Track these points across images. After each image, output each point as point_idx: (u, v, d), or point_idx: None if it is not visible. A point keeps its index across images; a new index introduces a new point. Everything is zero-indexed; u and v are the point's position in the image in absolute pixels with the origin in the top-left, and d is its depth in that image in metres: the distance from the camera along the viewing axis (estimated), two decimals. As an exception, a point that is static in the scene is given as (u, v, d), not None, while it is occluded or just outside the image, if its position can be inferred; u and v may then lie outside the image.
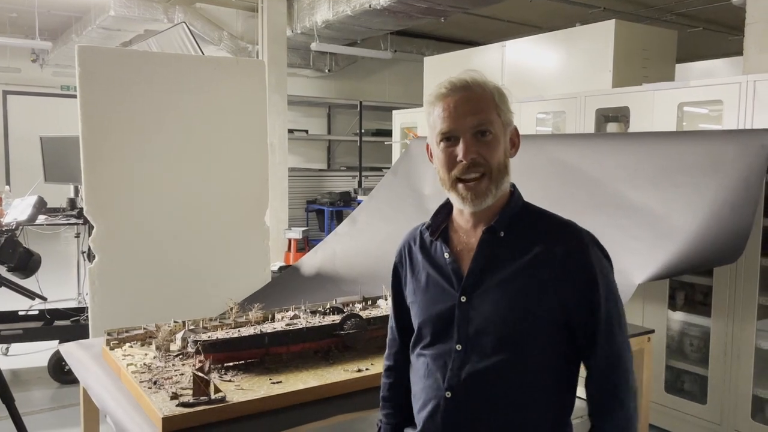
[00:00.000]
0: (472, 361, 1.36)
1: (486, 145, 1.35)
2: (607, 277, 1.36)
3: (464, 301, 1.39)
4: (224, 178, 3.74)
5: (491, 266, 1.38)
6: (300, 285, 3.68)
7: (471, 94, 1.36)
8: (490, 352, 1.35)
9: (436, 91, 1.38)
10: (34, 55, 11.46)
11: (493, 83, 1.40)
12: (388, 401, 1.63)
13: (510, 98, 1.42)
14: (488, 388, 1.35)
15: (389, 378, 1.64)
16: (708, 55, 8.21)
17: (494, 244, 1.39)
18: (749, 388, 3.14)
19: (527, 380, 1.35)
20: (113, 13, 7.76)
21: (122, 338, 2.52)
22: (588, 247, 1.35)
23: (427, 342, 1.45)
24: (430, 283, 1.46)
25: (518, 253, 1.37)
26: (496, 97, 1.38)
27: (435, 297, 1.44)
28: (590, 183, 3.21)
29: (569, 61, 4.72)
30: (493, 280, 1.37)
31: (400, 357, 1.60)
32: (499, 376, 1.34)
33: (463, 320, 1.38)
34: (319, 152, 11.98)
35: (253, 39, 8.71)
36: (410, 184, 3.98)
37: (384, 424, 1.63)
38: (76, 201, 4.97)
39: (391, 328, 1.66)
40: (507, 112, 1.40)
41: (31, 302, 3.89)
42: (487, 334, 1.35)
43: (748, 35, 3.92)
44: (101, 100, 3.36)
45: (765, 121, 3.04)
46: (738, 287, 3.17)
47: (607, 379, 1.36)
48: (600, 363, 1.36)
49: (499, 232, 1.39)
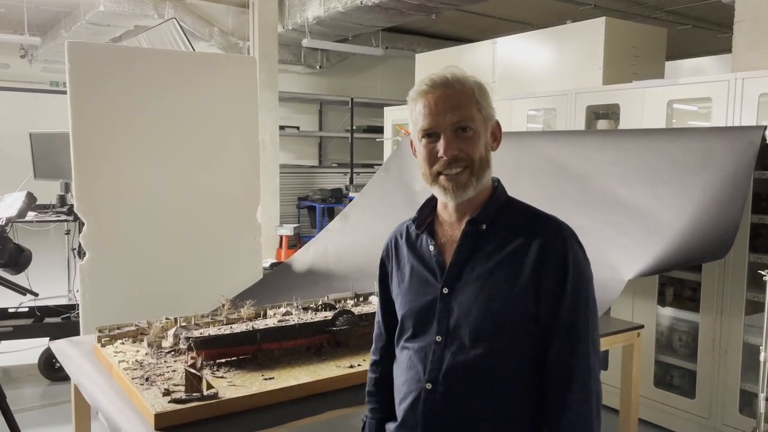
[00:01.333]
0: (451, 353, 1.38)
1: (466, 140, 1.37)
2: (580, 271, 1.37)
3: (446, 293, 1.41)
4: (215, 174, 3.73)
5: (473, 259, 1.40)
6: (292, 282, 3.69)
7: (451, 91, 1.37)
8: (468, 344, 1.36)
9: (417, 87, 1.41)
10: (22, 51, 11.36)
11: (474, 79, 1.41)
12: (374, 396, 1.63)
13: (491, 93, 1.44)
14: (467, 380, 1.36)
15: (375, 373, 1.64)
16: (697, 53, 8.27)
17: (476, 237, 1.41)
18: (737, 382, 3.18)
19: (506, 373, 1.36)
20: (103, 9, 7.71)
21: (114, 335, 2.51)
22: (566, 240, 1.37)
23: (410, 334, 1.47)
24: (414, 276, 1.48)
25: (499, 246, 1.39)
26: (477, 93, 1.39)
27: (418, 290, 1.46)
28: (580, 179, 3.23)
29: (560, 58, 4.74)
30: (474, 272, 1.39)
31: (386, 352, 1.61)
32: (477, 368, 1.36)
33: (444, 312, 1.40)
34: (311, 149, 11.96)
35: (244, 35, 8.68)
36: (402, 180, 3.99)
37: (369, 419, 1.63)
38: (66, 197, 4.94)
39: (377, 322, 1.66)
40: (488, 107, 1.41)
41: (22, 299, 3.86)
42: (466, 326, 1.37)
43: (736, 33, 3.94)
44: (91, 96, 3.35)
45: (753, 118, 3.07)
46: (726, 283, 3.20)
47: (558, 376, 1.35)
48: (553, 358, 1.35)
49: (481, 225, 1.41)
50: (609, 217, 2.98)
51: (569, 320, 1.35)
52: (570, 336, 1.35)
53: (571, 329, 1.35)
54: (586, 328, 1.36)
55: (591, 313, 1.38)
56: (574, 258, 1.36)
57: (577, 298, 1.36)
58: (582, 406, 1.34)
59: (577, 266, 1.36)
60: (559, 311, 1.35)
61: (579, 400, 1.33)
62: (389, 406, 1.56)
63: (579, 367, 1.34)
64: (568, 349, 1.35)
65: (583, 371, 1.34)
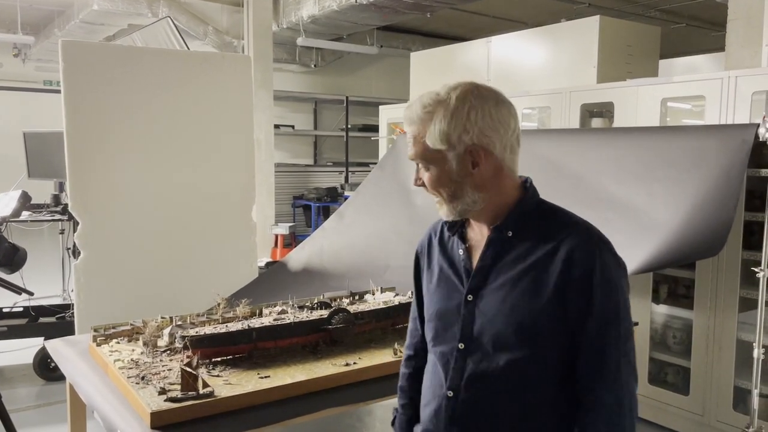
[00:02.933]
0: (473, 361, 1.35)
1: (428, 176, 1.39)
2: (609, 280, 1.29)
3: (470, 300, 1.37)
4: (210, 173, 3.73)
5: (498, 266, 1.36)
6: (287, 280, 3.69)
7: (414, 128, 1.37)
8: (491, 353, 1.33)
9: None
10: (16, 50, 11.31)
11: (447, 103, 1.32)
12: (406, 392, 1.60)
13: (479, 110, 1.32)
14: (489, 389, 1.33)
15: (408, 368, 1.61)
16: (691, 51, 8.28)
17: (502, 244, 1.37)
18: (731, 379, 3.20)
19: (529, 383, 1.32)
20: (96, 7, 7.67)
21: (109, 334, 2.51)
22: (595, 247, 1.30)
23: (433, 336, 1.45)
24: (442, 278, 1.45)
25: (525, 253, 1.34)
26: (443, 123, 1.31)
27: (444, 292, 1.43)
28: (575, 177, 3.24)
29: (554, 56, 4.75)
30: (498, 280, 1.35)
31: (420, 348, 1.57)
32: (499, 378, 1.32)
33: (467, 319, 1.37)
34: (306, 148, 11.95)
35: (238, 34, 8.66)
36: (397, 179, 3.98)
37: (400, 415, 1.61)
38: (60, 197, 4.93)
39: (413, 318, 1.63)
40: (461, 133, 1.31)
41: (16, 299, 3.85)
42: (489, 335, 1.33)
43: (730, 31, 3.96)
44: (85, 95, 3.34)
45: (746, 116, 3.08)
46: (720, 280, 3.22)
47: (589, 389, 1.30)
48: (582, 367, 1.30)
49: (506, 232, 1.37)
50: (603, 214, 2.99)
51: (597, 334, 1.28)
52: (598, 351, 1.29)
53: (600, 343, 1.29)
54: (617, 342, 1.29)
55: (623, 327, 1.30)
56: (602, 267, 1.28)
57: (606, 310, 1.28)
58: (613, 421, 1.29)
59: (606, 276, 1.28)
60: (585, 324, 1.28)
61: (609, 416, 1.28)
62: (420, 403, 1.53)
63: (608, 382, 1.28)
64: (597, 364, 1.29)
65: (612, 387, 1.29)
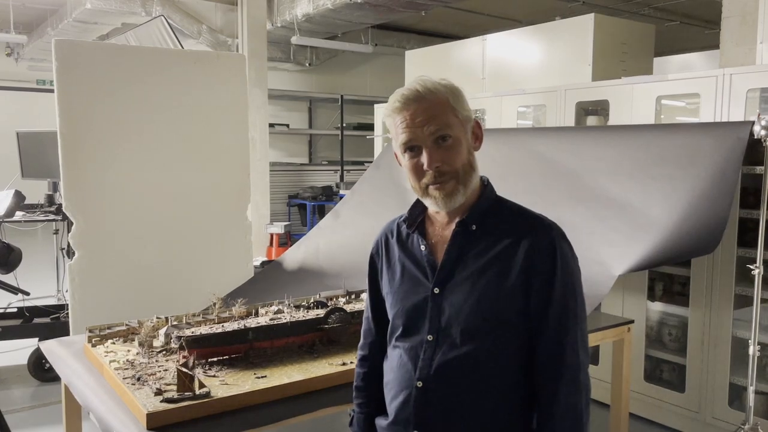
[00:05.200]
0: (442, 351, 1.40)
1: (447, 150, 1.38)
2: (568, 269, 1.39)
3: (437, 293, 1.42)
4: (205, 173, 3.71)
5: (463, 259, 1.42)
6: (283, 279, 3.68)
7: (425, 104, 1.37)
8: (459, 343, 1.39)
9: (391, 104, 1.41)
10: (8, 49, 11.27)
11: (445, 85, 1.41)
12: (362, 390, 1.64)
13: (465, 94, 1.43)
14: (458, 378, 1.39)
15: (363, 368, 1.65)
16: (685, 49, 8.31)
17: (467, 237, 1.43)
18: (726, 376, 3.21)
19: (495, 371, 1.39)
20: (90, 6, 7.64)
21: (104, 335, 2.50)
22: (554, 240, 1.39)
23: (401, 333, 1.48)
24: (406, 275, 1.49)
25: (489, 246, 1.41)
26: (451, 100, 1.40)
27: (409, 289, 1.47)
28: (570, 176, 3.25)
29: (549, 54, 4.75)
30: (464, 272, 1.41)
31: (375, 347, 1.63)
32: (467, 367, 1.38)
33: (435, 311, 1.42)
34: (301, 146, 11.93)
35: (232, 32, 8.64)
36: (392, 177, 3.98)
37: (357, 414, 1.64)
38: (54, 197, 4.90)
39: (366, 318, 1.67)
40: (464, 110, 1.41)
41: (10, 300, 3.84)
42: (457, 326, 1.39)
43: (724, 29, 3.97)
44: (79, 94, 3.32)
45: (741, 114, 3.09)
46: (715, 278, 3.22)
47: (548, 371, 1.38)
48: (543, 353, 1.38)
49: (471, 226, 1.43)
50: (599, 212, 2.99)
51: (558, 317, 1.37)
52: (559, 332, 1.37)
53: (560, 326, 1.37)
54: (575, 324, 1.39)
55: (579, 309, 1.40)
56: (562, 257, 1.38)
57: (565, 296, 1.38)
58: (572, 399, 1.37)
59: (565, 265, 1.38)
60: (548, 309, 1.37)
61: (569, 393, 1.36)
62: (378, 400, 1.57)
63: (568, 362, 1.37)
64: (557, 345, 1.37)
65: (572, 366, 1.37)
